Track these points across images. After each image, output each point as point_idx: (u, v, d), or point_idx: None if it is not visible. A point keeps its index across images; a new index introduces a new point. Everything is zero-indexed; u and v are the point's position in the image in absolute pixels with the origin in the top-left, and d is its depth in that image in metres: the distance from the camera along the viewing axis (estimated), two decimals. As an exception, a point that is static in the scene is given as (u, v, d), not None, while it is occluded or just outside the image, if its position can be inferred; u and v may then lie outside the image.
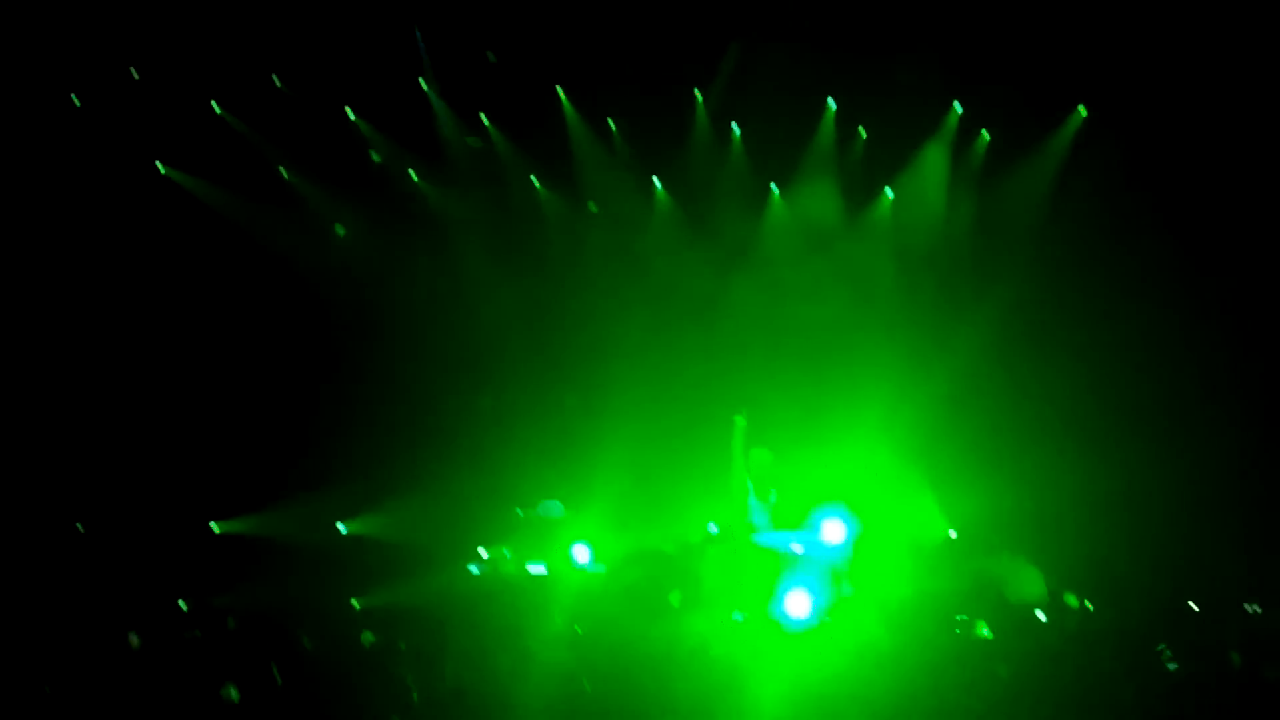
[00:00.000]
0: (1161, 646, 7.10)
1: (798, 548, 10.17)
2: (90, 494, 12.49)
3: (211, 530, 12.70)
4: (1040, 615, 9.36)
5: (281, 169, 13.64)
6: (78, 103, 12.97)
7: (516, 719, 6.57)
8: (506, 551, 11.51)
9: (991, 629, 7.98)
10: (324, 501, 12.80)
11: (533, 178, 14.00)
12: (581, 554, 10.95)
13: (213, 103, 13.27)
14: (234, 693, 6.56)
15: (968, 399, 12.74)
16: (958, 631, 7.17)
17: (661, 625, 8.14)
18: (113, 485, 12.58)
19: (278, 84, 13.48)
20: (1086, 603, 9.67)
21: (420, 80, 13.70)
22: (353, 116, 13.69)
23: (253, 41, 13.09)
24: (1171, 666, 6.89)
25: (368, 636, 8.15)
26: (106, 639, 7.83)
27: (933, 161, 13.61)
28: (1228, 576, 10.42)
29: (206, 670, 6.91)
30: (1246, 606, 9.29)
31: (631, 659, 7.32)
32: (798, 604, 9.30)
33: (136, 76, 13.07)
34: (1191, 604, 9.09)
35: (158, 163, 13.15)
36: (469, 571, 11.33)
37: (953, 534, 12.30)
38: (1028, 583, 10.19)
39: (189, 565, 11.64)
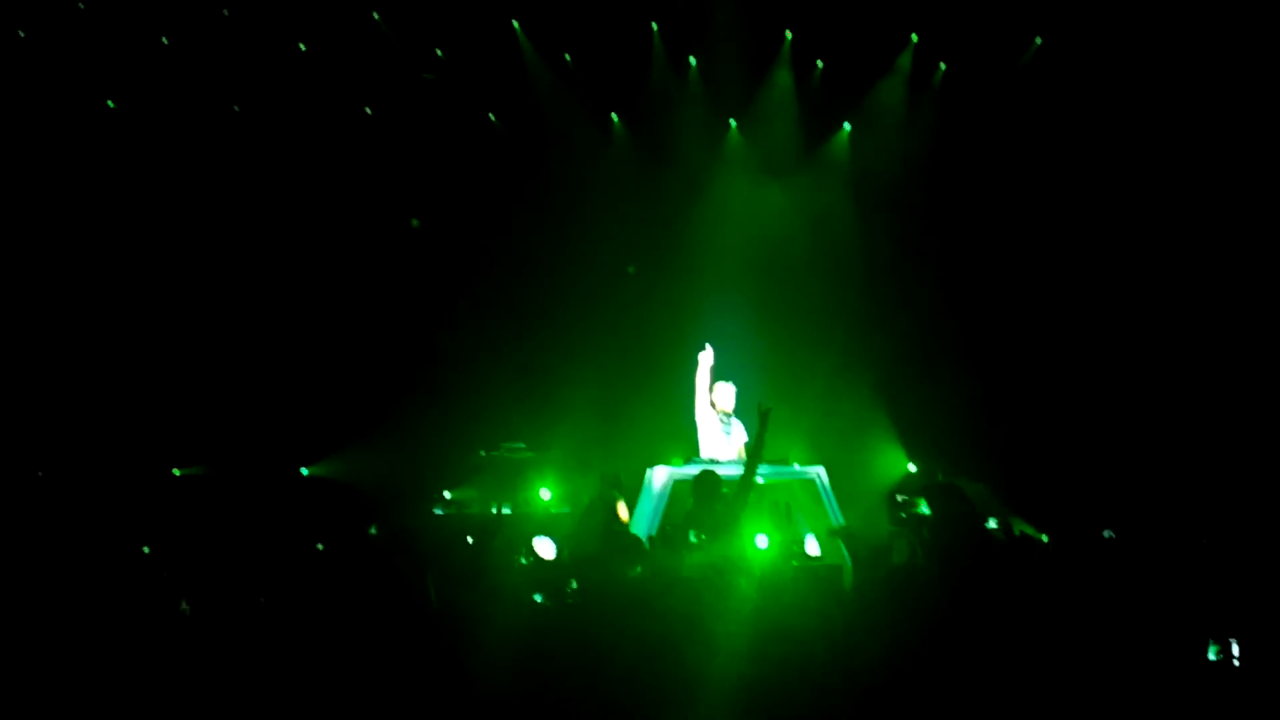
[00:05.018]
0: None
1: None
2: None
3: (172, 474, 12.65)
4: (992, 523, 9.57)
5: None
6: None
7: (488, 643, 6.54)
8: (471, 493, 11.47)
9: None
10: (287, 445, 12.75)
11: (490, 115, 13.80)
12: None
13: None
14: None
15: (927, 339, 12.84)
16: (903, 515, 7.20)
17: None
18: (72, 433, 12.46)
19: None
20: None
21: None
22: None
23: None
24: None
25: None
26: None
27: (890, 92, 13.58)
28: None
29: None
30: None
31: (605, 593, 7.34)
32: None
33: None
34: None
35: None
36: (433, 514, 11.28)
37: (911, 468, 12.47)
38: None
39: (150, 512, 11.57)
